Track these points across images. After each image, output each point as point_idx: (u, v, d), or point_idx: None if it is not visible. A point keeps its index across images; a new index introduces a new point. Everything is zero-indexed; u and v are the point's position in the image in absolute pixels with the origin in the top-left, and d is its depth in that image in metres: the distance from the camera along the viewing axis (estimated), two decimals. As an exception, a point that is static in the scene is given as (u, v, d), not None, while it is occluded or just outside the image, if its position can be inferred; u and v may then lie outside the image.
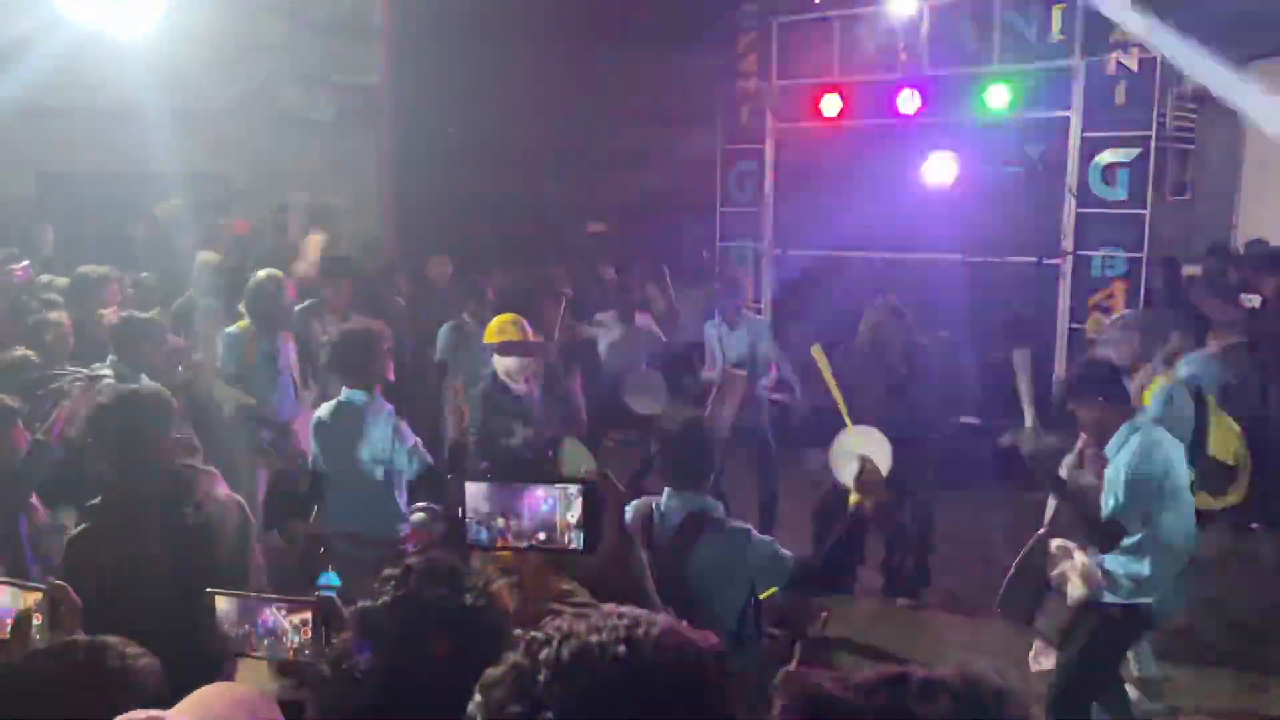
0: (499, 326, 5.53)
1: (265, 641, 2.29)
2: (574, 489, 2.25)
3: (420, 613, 1.74)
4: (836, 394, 5.87)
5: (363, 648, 1.75)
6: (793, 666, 2.92)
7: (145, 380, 4.52)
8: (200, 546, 2.98)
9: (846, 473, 5.67)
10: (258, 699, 1.58)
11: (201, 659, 2.28)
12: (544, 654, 1.11)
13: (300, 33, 10.02)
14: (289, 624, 2.26)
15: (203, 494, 3.15)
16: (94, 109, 8.76)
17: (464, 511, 2.30)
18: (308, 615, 2.26)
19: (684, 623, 1.21)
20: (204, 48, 8.92)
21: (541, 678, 1.09)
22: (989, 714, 1.16)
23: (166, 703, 1.65)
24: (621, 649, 1.09)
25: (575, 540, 2.25)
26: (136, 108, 7.96)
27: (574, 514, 2.25)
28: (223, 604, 2.33)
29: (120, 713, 1.54)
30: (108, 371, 4.85)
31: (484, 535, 2.30)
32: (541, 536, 2.27)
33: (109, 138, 8.73)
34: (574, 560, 2.45)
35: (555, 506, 2.25)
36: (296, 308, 6.46)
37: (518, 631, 1.23)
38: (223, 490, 3.24)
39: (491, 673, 1.13)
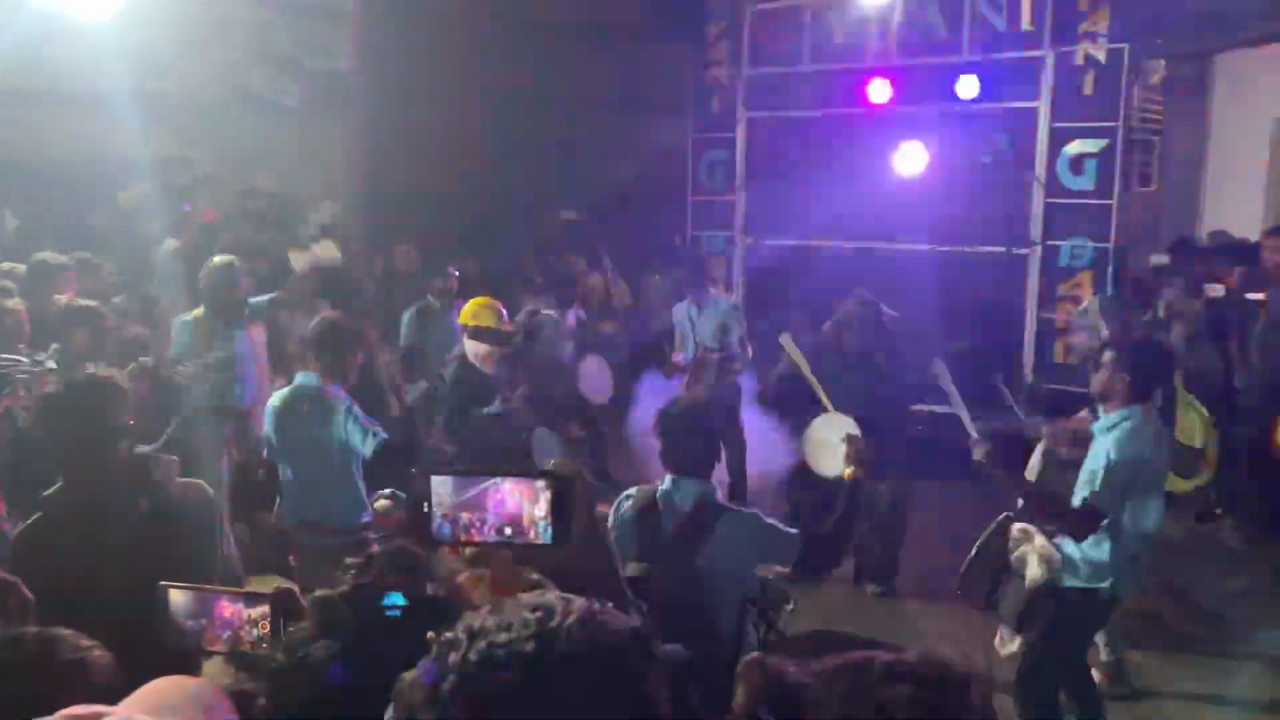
0: (474, 310, 5.46)
1: (223, 635, 2.26)
2: (543, 483, 2.22)
3: (381, 602, 1.72)
4: (812, 380, 5.90)
5: (319, 637, 1.73)
6: (757, 654, 2.92)
7: (92, 368, 4.45)
8: (158, 536, 2.94)
9: (821, 461, 5.72)
10: (209, 691, 1.55)
11: (162, 654, 2.25)
12: (452, 658, 1.07)
13: (269, 16, 9.89)
14: (247, 617, 2.23)
15: (159, 482, 3.09)
16: (56, 93, 8.61)
17: (429, 505, 2.27)
18: (266, 609, 2.23)
19: (610, 605, 1.17)
20: (170, 30, 8.78)
21: (448, 685, 1.05)
22: (951, 698, 1.17)
23: (118, 696, 1.63)
24: (530, 646, 1.05)
25: (543, 535, 2.22)
26: (100, 92, 7.82)
27: (542, 508, 2.22)
28: (177, 597, 2.30)
29: (69, 706, 1.51)
30: (52, 363, 4.78)
31: (447, 529, 2.27)
32: (508, 530, 2.24)
33: (72, 123, 8.58)
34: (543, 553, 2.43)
35: (523, 500, 2.22)
36: (265, 298, 6.38)
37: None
38: (180, 477, 3.19)
39: (405, 678, 1.10)
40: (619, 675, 1.07)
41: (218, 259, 5.89)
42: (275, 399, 4.70)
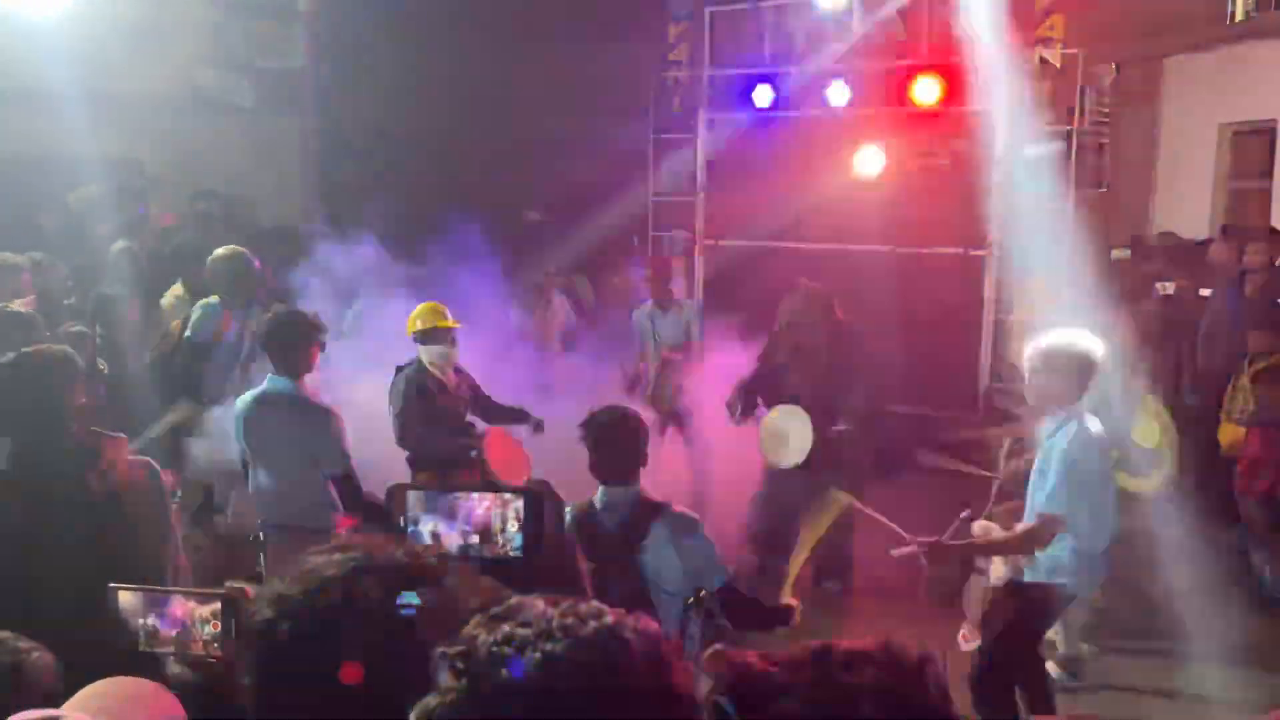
0: (420, 315, 5.41)
1: (174, 634, 2.22)
2: (513, 496, 2.25)
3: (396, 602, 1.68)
4: None
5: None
6: (719, 645, 2.94)
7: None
8: (108, 516, 2.87)
9: (776, 452, 5.75)
10: (155, 691, 1.52)
11: (110, 647, 2.20)
12: (483, 654, 1.06)
13: (222, 15, 9.76)
14: (198, 616, 2.19)
15: (109, 461, 3.02)
16: (3, 91, 8.44)
17: (405, 520, 2.28)
18: (217, 607, 2.19)
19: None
20: (121, 28, 8.63)
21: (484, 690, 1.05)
22: (911, 678, 1.22)
23: (61, 699, 1.59)
24: (586, 653, 1.06)
25: (513, 548, 2.24)
26: (50, 90, 7.66)
27: (512, 522, 2.24)
28: (127, 597, 2.25)
29: (12, 712, 1.47)
30: None
31: (421, 536, 2.28)
32: (476, 539, 2.26)
33: (20, 121, 8.41)
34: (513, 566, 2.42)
35: (492, 509, 2.25)
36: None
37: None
38: (130, 456, 3.12)
39: (421, 707, 1.08)
40: (642, 679, 1.09)
41: (223, 250, 5.83)
42: (241, 402, 4.62)
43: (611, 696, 1.06)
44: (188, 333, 5.73)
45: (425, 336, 5.36)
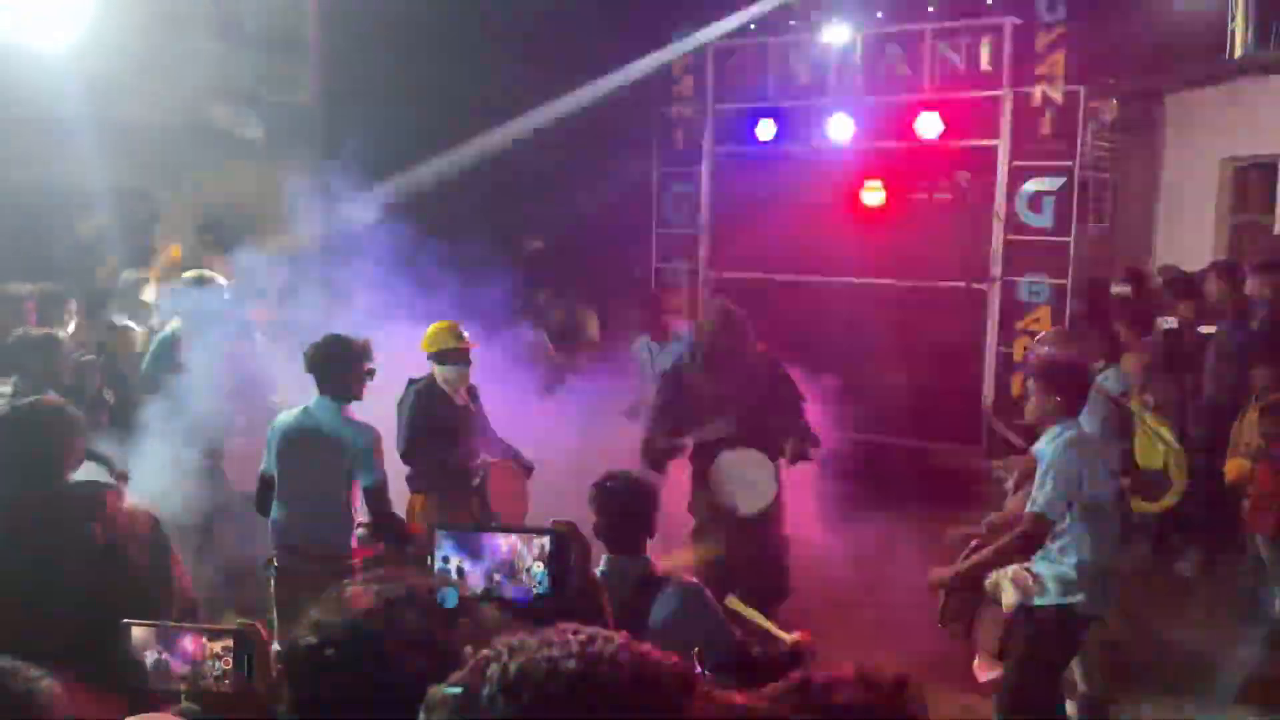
0: (434, 335, 5.40)
1: (185, 670, 2.20)
2: (541, 539, 2.27)
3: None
4: None
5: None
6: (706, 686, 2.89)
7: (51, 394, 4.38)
8: (112, 566, 2.86)
9: (744, 498, 5.62)
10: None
11: (118, 689, 2.18)
12: (490, 669, 1.08)
13: (230, 49, 9.84)
14: (209, 651, 2.18)
15: (111, 510, 3.01)
16: (12, 121, 8.49)
17: (432, 559, 2.29)
18: (229, 643, 2.18)
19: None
20: (129, 60, 8.70)
21: (486, 693, 1.06)
22: (889, 699, 1.29)
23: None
24: (572, 664, 1.07)
25: (540, 583, 2.25)
26: (58, 121, 7.72)
27: (538, 562, 2.26)
28: (139, 633, 2.24)
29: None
30: (7, 389, 4.71)
31: (448, 571, 2.29)
32: (498, 577, 2.27)
33: (29, 151, 8.45)
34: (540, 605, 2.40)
35: (518, 546, 2.27)
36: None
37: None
38: (130, 503, 3.12)
39: (435, 691, 1.10)
40: (663, 706, 1.10)
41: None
42: (280, 420, 4.62)
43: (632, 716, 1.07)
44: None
45: (441, 356, 5.36)
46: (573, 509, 3.45)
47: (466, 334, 5.44)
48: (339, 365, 4.50)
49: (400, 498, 5.04)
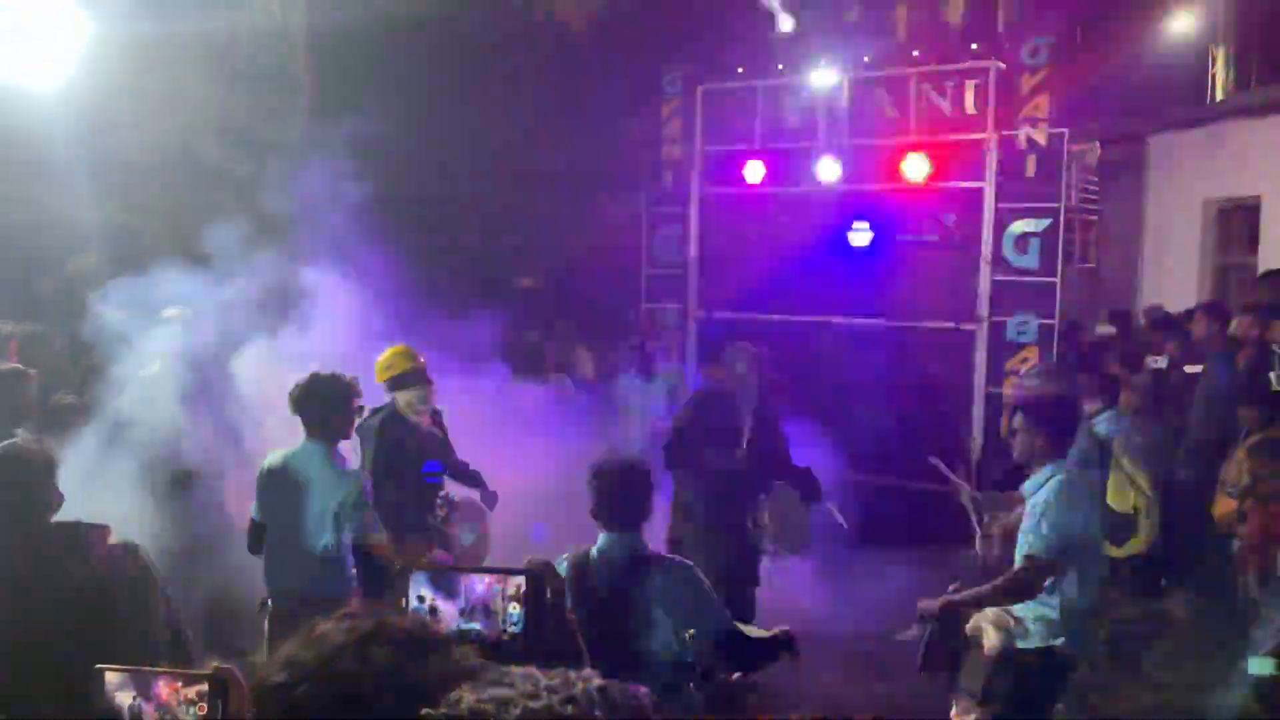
0: (388, 361, 5.32)
1: (156, 716, 2.16)
2: (516, 579, 2.27)
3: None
4: None
5: None
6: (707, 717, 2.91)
7: (22, 435, 4.30)
8: (94, 607, 2.82)
9: (791, 541, 5.80)
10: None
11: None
12: (461, 708, 1.06)
13: (223, 87, 9.91)
14: (183, 697, 2.13)
15: (97, 550, 2.98)
16: (1, 159, 8.51)
17: (406, 601, 2.27)
18: (204, 687, 2.14)
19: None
20: (121, 97, 8.74)
21: None
22: None
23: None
24: (569, 710, 1.07)
25: (514, 623, 2.24)
26: (48, 158, 7.74)
27: (513, 602, 2.26)
28: (113, 678, 2.19)
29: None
30: None
31: (423, 611, 2.28)
32: (475, 618, 2.26)
33: (18, 189, 8.47)
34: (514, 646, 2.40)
35: (493, 591, 2.27)
36: None
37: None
38: (116, 541, 3.08)
39: None
40: None
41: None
42: (268, 463, 4.50)
43: None
44: None
45: (399, 382, 5.26)
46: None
47: (422, 356, 5.35)
48: (328, 406, 4.38)
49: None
